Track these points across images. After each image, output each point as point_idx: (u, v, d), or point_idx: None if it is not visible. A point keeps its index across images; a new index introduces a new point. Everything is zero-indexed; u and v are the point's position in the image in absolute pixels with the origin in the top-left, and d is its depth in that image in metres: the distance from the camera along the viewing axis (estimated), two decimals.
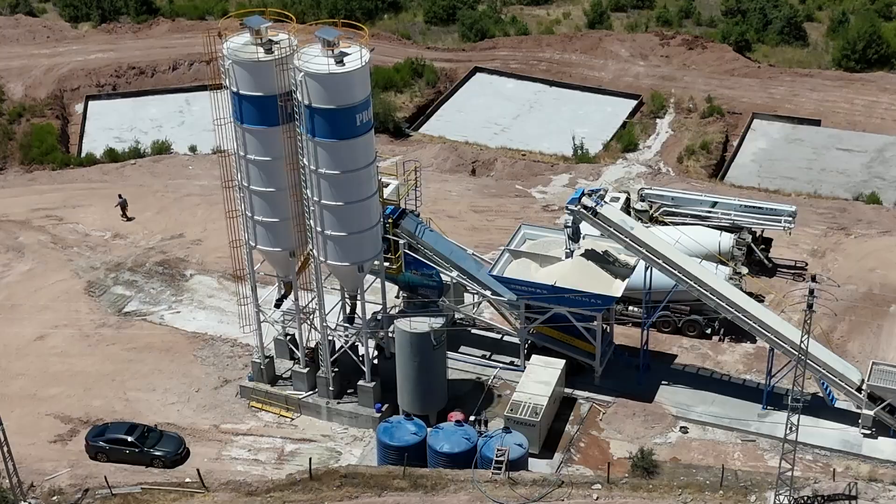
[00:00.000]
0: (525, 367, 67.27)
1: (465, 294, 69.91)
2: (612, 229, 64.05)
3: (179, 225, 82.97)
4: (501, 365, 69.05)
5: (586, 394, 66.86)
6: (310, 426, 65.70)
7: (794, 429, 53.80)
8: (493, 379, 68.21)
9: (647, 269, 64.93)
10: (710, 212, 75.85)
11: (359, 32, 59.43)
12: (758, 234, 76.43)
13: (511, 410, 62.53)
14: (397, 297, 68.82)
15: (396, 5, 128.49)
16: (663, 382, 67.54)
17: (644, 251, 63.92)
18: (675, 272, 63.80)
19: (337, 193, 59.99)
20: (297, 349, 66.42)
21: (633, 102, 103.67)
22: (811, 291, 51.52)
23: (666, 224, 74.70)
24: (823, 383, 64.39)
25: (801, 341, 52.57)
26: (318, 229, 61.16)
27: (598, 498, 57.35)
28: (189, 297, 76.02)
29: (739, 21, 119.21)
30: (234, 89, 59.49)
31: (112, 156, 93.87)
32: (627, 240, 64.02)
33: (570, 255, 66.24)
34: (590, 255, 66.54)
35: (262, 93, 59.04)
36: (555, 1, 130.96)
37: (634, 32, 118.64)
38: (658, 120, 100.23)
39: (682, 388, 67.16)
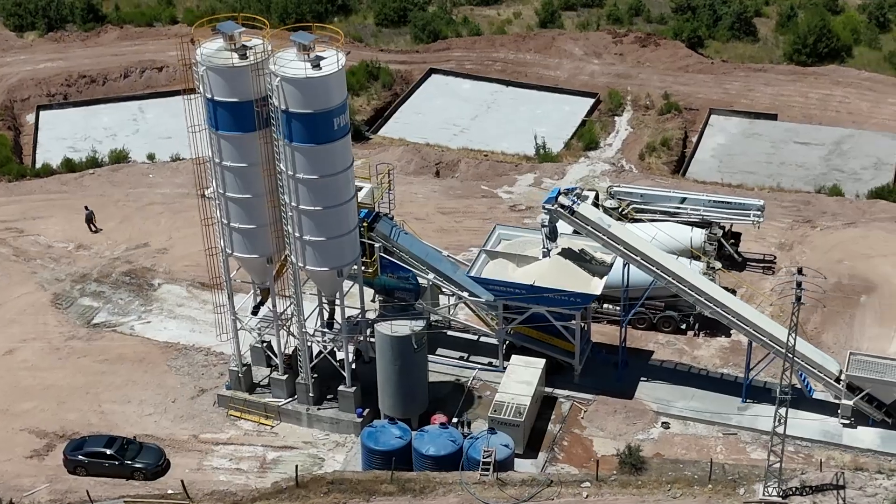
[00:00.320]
0: (504, 368, 67.31)
1: (441, 296, 69.66)
2: (589, 227, 64.13)
3: (143, 234, 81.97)
4: (479, 366, 68.83)
5: (566, 392, 66.86)
6: (290, 433, 65.16)
7: (782, 421, 54.15)
8: (473, 380, 68.00)
9: (625, 266, 65.00)
10: (678, 208, 76.18)
11: (333, 35, 59.15)
12: (727, 229, 76.81)
13: (495, 411, 62.38)
14: (373, 300, 68.37)
15: (346, 8, 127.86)
16: (642, 379, 67.72)
17: (622, 248, 64.06)
18: (654, 269, 64.00)
19: (315, 198, 59.52)
20: (275, 356, 65.85)
21: (591, 101, 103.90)
22: (799, 284, 51.82)
23: (637, 221, 74.89)
24: (801, 374, 64.88)
25: (790, 334, 52.84)
26: (297, 235, 60.64)
27: (587, 496, 57.30)
28: (158, 306, 75.14)
29: (690, 18, 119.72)
30: (209, 96, 58.80)
31: (69, 166, 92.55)
32: (605, 237, 64.12)
33: (547, 254, 66.16)
34: (567, 253, 66.55)
35: (238, 98, 58.43)
36: (504, 1, 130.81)
37: (586, 31, 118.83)
38: (616, 118, 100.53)
39: (661, 384, 67.37)
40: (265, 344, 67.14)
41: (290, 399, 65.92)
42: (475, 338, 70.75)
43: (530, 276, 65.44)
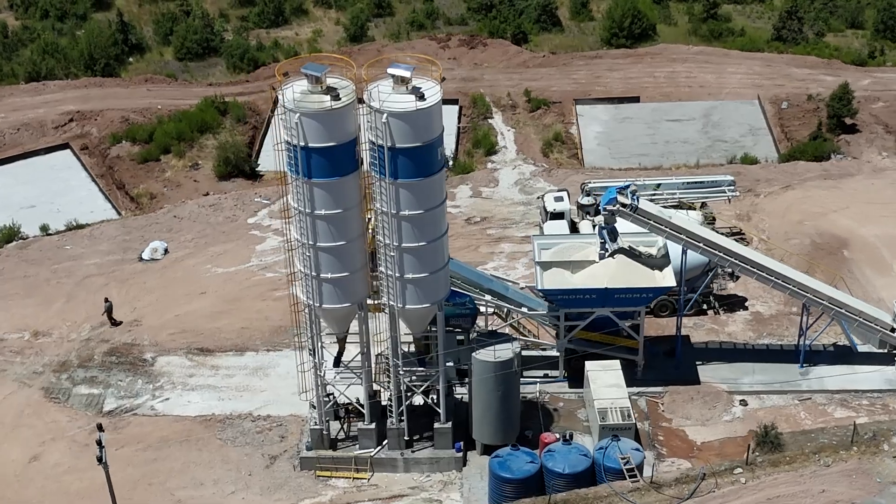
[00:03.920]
0: (565, 377, 67.40)
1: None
2: (652, 221, 64.92)
3: (101, 310, 75.51)
4: (539, 379, 68.20)
5: (636, 389, 67.11)
6: (390, 482, 62.52)
7: None
8: (540, 394, 67.35)
9: (683, 254, 66.17)
10: (654, 194, 77.75)
11: (432, 64, 57.63)
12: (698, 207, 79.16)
13: (602, 419, 62.01)
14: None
15: (140, 47, 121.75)
16: (698, 363, 68.98)
17: (685, 237, 65.20)
18: (718, 252, 65.54)
19: (420, 234, 57.48)
20: (360, 407, 63.09)
21: (454, 107, 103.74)
22: None
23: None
24: (847, 331, 68.26)
25: None
26: (397, 274, 58.22)
27: (745, 482, 58.15)
28: (167, 380, 69.91)
29: (496, 15, 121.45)
30: (303, 143, 55.46)
31: None
32: (668, 229, 65.11)
33: (604, 255, 66.46)
34: (623, 251, 66.89)
35: (335, 142, 55.59)
36: (293, 21, 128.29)
37: (405, 40, 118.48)
38: (489, 120, 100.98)
39: (718, 365, 68.89)
40: (330, 396, 63.86)
41: (381, 447, 63.19)
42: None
43: (598, 278, 65.45)
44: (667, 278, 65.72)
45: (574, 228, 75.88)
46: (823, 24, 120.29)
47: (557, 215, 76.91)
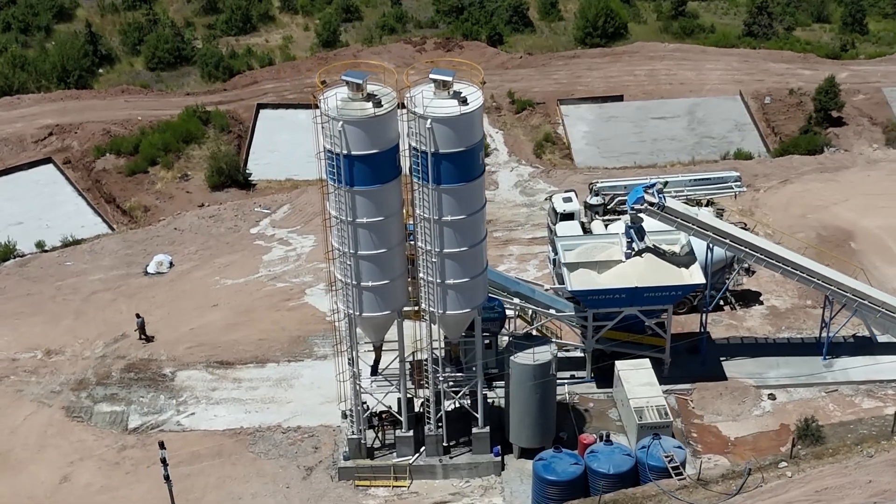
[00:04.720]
0: (592, 378, 67.58)
1: None
2: (679, 220, 65.22)
3: (112, 326, 74.51)
4: (567, 380, 68.18)
5: (664, 387, 67.13)
6: (429, 489, 62.34)
7: None
8: (570, 395, 67.40)
9: (709, 251, 66.57)
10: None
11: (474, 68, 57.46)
12: (704, 204, 79.57)
13: (640, 418, 62.16)
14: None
15: (109, 58, 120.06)
16: (722, 358, 69.40)
17: (711, 234, 65.62)
18: (744, 248, 66.01)
19: (462, 239, 57.30)
20: (398, 416, 62.76)
21: None
22: None
23: (625, 213, 76.14)
24: (866, 322, 69.01)
25: None
26: (438, 280, 57.95)
27: (791, 475, 58.58)
28: (190, 395, 69.09)
29: (468, 17, 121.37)
30: (345, 151, 55.03)
31: None
32: (695, 227, 65.46)
33: (631, 255, 66.67)
34: (647, 250, 67.12)
35: (378, 149, 55.25)
36: (261, 28, 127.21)
37: (374, 45, 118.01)
38: None
39: (742, 360, 69.38)
40: (364, 405, 63.43)
41: (419, 454, 62.90)
42: None
43: (627, 278, 65.65)
44: (695, 275, 66.06)
45: (584, 229, 75.83)
46: (791, 18, 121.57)
47: (567, 216, 76.82)
